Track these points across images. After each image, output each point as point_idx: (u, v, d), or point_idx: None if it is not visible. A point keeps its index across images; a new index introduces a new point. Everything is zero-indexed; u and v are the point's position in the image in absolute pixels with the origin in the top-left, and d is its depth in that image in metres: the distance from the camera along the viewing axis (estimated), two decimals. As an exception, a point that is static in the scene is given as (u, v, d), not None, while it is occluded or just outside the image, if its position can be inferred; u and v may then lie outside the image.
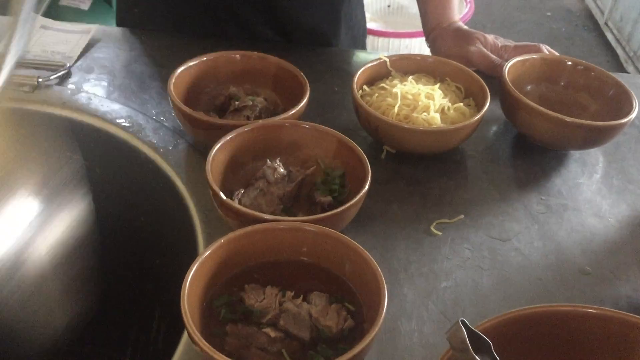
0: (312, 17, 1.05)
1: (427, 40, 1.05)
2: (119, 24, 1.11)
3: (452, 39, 0.98)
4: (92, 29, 0.99)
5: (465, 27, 1.01)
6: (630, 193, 0.78)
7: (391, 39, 1.89)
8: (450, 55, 0.93)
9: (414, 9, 2.24)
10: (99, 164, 0.87)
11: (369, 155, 0.81)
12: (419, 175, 0.79)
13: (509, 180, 0.79)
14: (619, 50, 3.00)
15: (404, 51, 1.92)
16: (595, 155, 0.85)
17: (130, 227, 0.88)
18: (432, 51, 1.03)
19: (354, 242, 0.57)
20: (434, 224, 0.72)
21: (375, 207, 0.74)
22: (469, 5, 2.00)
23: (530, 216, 0.74)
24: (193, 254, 0.68)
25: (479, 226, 0.72)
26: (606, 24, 3.16)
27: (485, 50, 0.95)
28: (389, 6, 2.23)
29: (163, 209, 0.80)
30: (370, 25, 1.70)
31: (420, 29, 1.11)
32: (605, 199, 0.77)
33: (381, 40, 1.80)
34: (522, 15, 3.56)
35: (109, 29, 1.04)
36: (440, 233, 0.71)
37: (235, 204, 0.62)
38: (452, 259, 0.68)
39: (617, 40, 3.01)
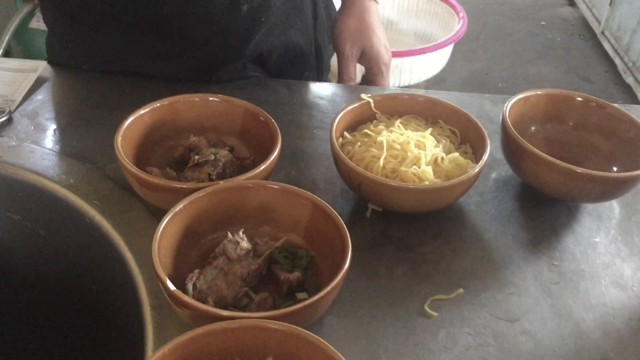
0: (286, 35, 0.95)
1: (341, 3, 1.02)
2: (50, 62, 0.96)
3: (354, 24, 0.98)
4: (40, 67, 0.88)
5: (375, 14, 0.99)
6: (655, 254, 0.68)
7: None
8: (342, 37, 0.97)
9: (404, 24, 2.15)
10: (42, 225, 0.75)
11: (352, 213, 0.71)
12: (410, 238, 0.68)
13: (514, 241, 0.68)
14: (617, 61, 2.91)
15: (394, 71, 1.81)
16: (611, 206, 0.74)
17: (78, 295, 0.77)
18: (334, 20, 1.01)
19: (331, 347, 0.46)
20: (429, 301, 0.61)
21: (359, 280, 0.62)
22: (461, 22, 1.89)
23: (541, 288, 0.63)
24: (140, 344, 0.57)
25: (481, 303, 0.61)
26: (603, 33, 3.06)
27: (351, 59, 0.98)
28: None
29: (112, 281, 0.68)
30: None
31: (410, 47, 1.01)
32: (626, 261, 0.67)
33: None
34: (516, 25, 3.48)
35: (59, 67, 0.93)
36: (436, 314, 0.59)
37: (185, 296, 0.51)
38: (451, 349, 0.56)
39: (615, 50, 2.92)
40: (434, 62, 1.88)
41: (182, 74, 0.90)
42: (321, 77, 1.08)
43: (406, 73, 1.83)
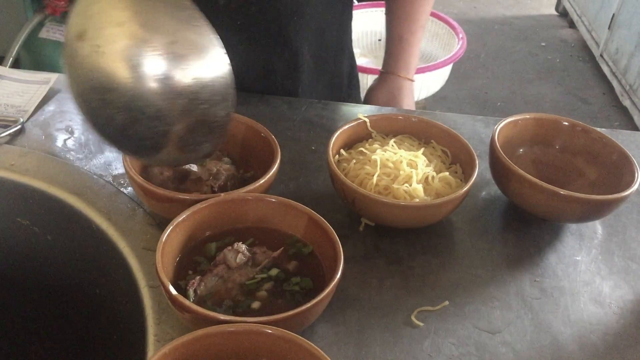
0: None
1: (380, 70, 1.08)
2: None
3: (384, 95, 1.04)
4: (52, 78, 0.92)
5: (406, 91, 1.04)
6: (633, 273, 0.71)
7: (380, 76, 1.82)
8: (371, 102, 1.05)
9: (405, 43, 2.19)
10: (50, 231, 0.79)
11: (346, 227, 0.74)
12: (400, 252, 0.71)
13: (499, 258, 0.72)
14: (614, 83, 2.95)
15: (393, 88, 1.86)
16: (594, 227, 0.77)
17: (81, 299, 0.81)
18: (367, 89, 1.09)
19: (321, 352, 0.50)
20: (415, 312, 0.64)
21: (350, 289, 0.66)
22: (460, 42, 1.94)
23: (522, 302, 0.66)
24: (141, 346, 0.60)
25: (465, 315, 0.64)
26: (601, 56, 3.11)
27: None
28: (379, 40, 2.17)
29: (115, 287, 0.72)
30: (360, 61, 1.64)
31: None
32: (605, 280, 0.70)
33: (370, 78, 1.73)
34: (516, 46, 3.53)
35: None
36: (421, 324, 0.63)
37: (186, 301, 0.54)
38: (435, 358, 0.60)
39: (613, 73, 2.96)
40: (434, 81, 1.92)
41: None
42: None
43: (406, 91, 1.87)
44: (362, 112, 0.92)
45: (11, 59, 1.81)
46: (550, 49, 3.50)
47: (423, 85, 1.90)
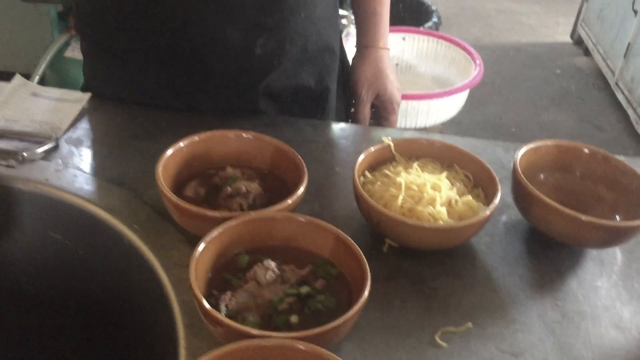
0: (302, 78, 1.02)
1: (355, 52, 1.12)
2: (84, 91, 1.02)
3: (370, 71, 1.09)
4: (85, 98, 0.95)
5: (387, 60, 1.10)
6: (653, 299, 0.72)
7: (398, 100, 1.85)
8: (359, 83, 1.08)
9: (422, 68, 2.23)
10: (81, 245, 0.81)
11: (370, 247, 0.76)
12: (423, 273, 0.73)
13: (521, 281, 0.73)
14: (630, 112, 2.96)
15: (411, 113, 1.88)
16: (613, 253, 0.79)
17: (112, 313, 0.82)
18: (351, 66, 1.12)
19: (349, 367, 0.51)
20: (439, 332, 0.65)
21: (375, 309, 0.67)
22: (477, 69, 1.97)
23: (544, 325, 0.67)
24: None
25: (488, 337, 0.65)
26: (617, 84, 3.13)
27: (366, 102, 1.09)
28: (396, 65, 2.20)
29: (146, 301, 0.74)
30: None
31: (428, 90, 1.10)
32: (625, 305, 0.71)
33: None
34: (531, 72, 3.55)
35: (101, 99, 1.00)
36: (445, 345, 0.64)
37: (219, 315, 0.56)
38: (458, 378, 0.61)
39: (628, 102, 2.98)
40: (450, 106, 1.95)
41: (202, 106, 0.97)
42: (328, 116, 1.14)
43: (423, 115, 1.90)
44: (384, 135, 0.94)
45: (37, 77, 1.86)
46: (565, 77, 3.52)
47: (440, 110, 1.93)
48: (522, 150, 0.80)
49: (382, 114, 1.12)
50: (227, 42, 0.90)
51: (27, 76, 1.98)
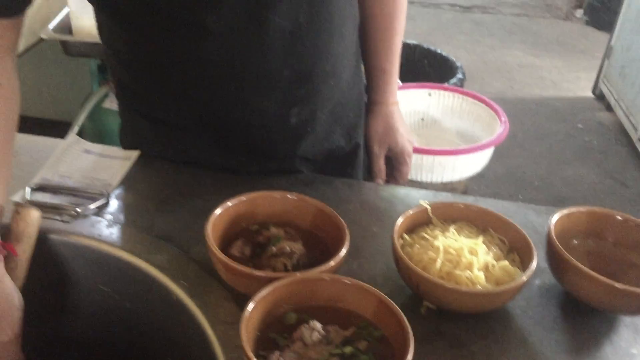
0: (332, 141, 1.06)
1: (368, 107, 1.16)
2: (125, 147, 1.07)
3: (381, 127, 1.14)
4: (133, 155, 1.00)
5: (397, 115, 1.15)
6: (689, 369, 0.73)
7: (424, 156, 1.89)
8: (371, 139, 1.15)
9: (448, 122, 2.27)
10: (129, 298, 0.85)
11: (408, 308, 0.78)
12: (461, 336, 0.75)
13: (556, 346, 0.75)
14: (653, 168, 2.97)
15: (437, 168, 1.92)
16: (648, 319, 0.80)
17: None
18: (365, 122, 1.16)
19: None
20: (478, 396, 0.67)
21: (414, 371, 0.69)
22: (503, 126, 2.00)
23: (581, 392, 0.69)
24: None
25: (526, 402, 0.67)
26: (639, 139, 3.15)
27: (379, 157, 1.15)
28: (422, 120, 2.25)
29: (192, 357, 0.76)
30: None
31: (454, 146, 1.14)
32: (661, 373, 0.72)
33: (414, 157, 1.80)
34: (553, 126, 3.58)
35: (148, 157, 1.05)
36: (484, 408, 0.66)
37: (270, 375, 0.59)
38: None
39: (651, 158, 2.99)
40: (476, 162, 1.98)
41: (242, 168, 1.01)
42: (359, 168, 1.18)
43: (449, 170, 1.93)
44: (420, 196, 0.97)
45: (77, 128, 1.93)
46: (587, 131, 3.55)
47: (465, 165, 1.96)
48: (556, 217, 0.83)
49: (395, 165, 1.18)
50: (265, 113, 0.95)
51: (67, 124, 2.07)
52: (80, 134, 1.99)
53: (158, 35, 0.89)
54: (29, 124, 0.98)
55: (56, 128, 2.15)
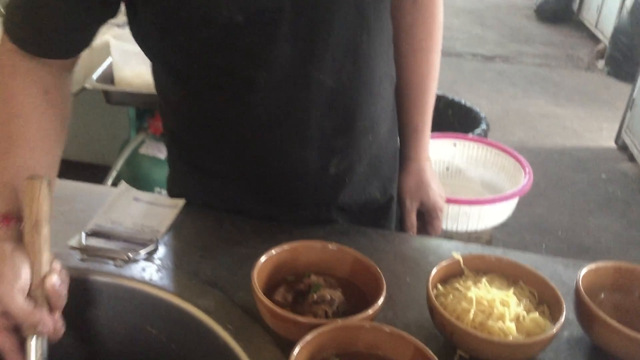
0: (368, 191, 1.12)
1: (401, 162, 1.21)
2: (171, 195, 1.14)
3: (413, 182, 1.20)
4: (180, 204, 1.06)
5: (429, 170, 1.20)
6: None
7: (450, 205, 1.93)
8: (404, 193, 1.20)
9: (472, 172, 2.32)
10: (175, 340, 0.89)
11: (442, 357, 0.81)
12: (493, 384, 0.78)
13: (586, 397, 0.78)
14: (677, 219, 2.98)
15: (463, 217, 1.96)
16: (675, 373, 0.83)
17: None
18: (398, 177, 1.20)
19: None
20: None
21: (449, 418, 0.73)
22: (527, 177, 2.05)
23: None
24: None
25: None
26: (663, 191, 3.16)
27: (411, 211, 1.20)
28: (447, 169, 2.30)
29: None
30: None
31: (479, 195, 1.18)
32: None
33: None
34: (576, 176, 3.61)
35: (193, 205, 1.11)
36: None
37: (316, 416, 0.63)
38: None
39: (676, 209, 3.00)
40: (500, 212, 2.02)
41: (282, 216, 1.07)
42: (392, 220, 1.23)
43: (474, 220, 1.97)
44: (450, 248, 1.02)
45: (115, 173, 2.01)
46: (610, 181, 3.56)
47: (490, 215, 2.00)
48: (584, 271, 0.87)
49: (427, 219, 1.22)
50: (305, 163, 1.01)
51: (105, 168, 2.16)
52: (117, 177, 2.08)
53: (210, 90, 0.96)
54: (69, 167, 1.05)
55: (94, 171, 2.25)
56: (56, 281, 0.77)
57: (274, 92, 0.93)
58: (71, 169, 1.12)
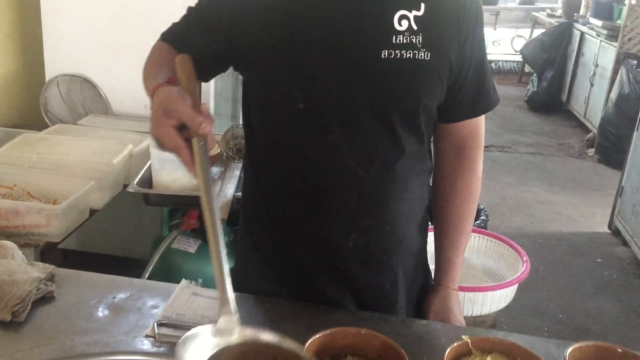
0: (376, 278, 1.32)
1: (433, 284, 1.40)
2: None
3: (439, 305, 1.37)
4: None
5: (455, 298, 1.37)
6: None
7: (456, 292, 2.13)
8: (429, 311, 1.37)
9: (475, 260, 2.52)
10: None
11: (458, 423, 1.00)
12: None
13: None
14: (671, 302, 3.14)
15: (467, 303, 2.15)
16: None
17: None
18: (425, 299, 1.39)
19: None
20: None
21: None
22: (525, 265, 2.25)
23: None
24: None
25: None
26: (656, 274, 3.34)
27: None
28: (452, 258, 2.51)
29: None
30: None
31: (481, 282, 1.37)
32: None
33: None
34: (573, 260, 3.79)
35: (239, 295, 1.31)
36: None
37: None
38: None
39: (669, 292, 3.17)
40: (501, 298, 2.21)
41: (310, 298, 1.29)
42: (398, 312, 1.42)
43: (478, 305, 2.16)
44: (460, 332, 1.22)
45: (151, 268, 2.22)
46: (606, 265, 3.75)
47: (493, 301, 2.19)
48: (569, 350, 1.06)
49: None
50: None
51: (140, 261, 2.36)
52: (151, 272, 2.27)
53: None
54: (108, 261, 1.28)
55: (127, 264, 2.46)
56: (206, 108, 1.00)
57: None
58: (109, 263, 1.34)
